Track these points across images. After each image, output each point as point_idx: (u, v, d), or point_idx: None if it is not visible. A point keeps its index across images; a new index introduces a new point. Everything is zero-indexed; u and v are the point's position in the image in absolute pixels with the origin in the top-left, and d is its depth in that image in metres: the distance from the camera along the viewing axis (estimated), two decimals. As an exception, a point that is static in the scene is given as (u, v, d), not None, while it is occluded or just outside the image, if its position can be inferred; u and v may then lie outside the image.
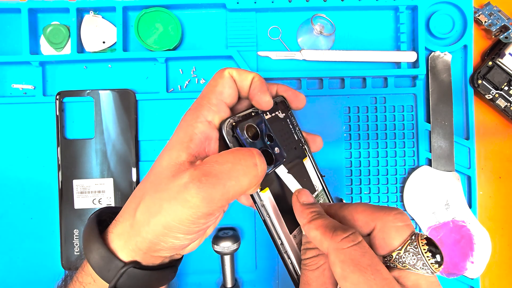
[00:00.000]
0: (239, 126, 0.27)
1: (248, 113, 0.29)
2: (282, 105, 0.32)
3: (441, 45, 0.44)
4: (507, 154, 0.45)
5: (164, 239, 0.25)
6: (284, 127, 0.31)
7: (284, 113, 0.31)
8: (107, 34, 0.43)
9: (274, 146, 0.29)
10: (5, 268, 0.43)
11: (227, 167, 0.24)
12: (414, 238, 0.23)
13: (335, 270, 0.22)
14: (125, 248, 0.26)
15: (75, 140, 0.42)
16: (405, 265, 0.23)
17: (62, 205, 0.42)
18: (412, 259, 0.23)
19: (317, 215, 0.26)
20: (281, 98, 0.32)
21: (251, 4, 0.42)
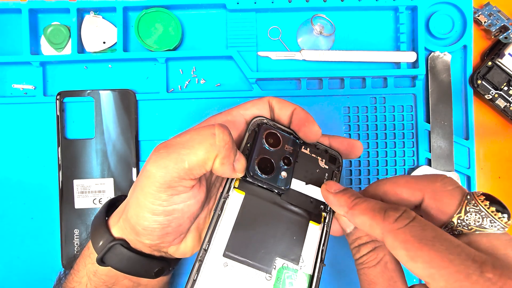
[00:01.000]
0: (265, 127, 0.27)
1: (288, 132, 0.28)
2: (331, 160, 0.29)
3: (441, 45, 0.44)
4: (507, 154, 0.45)
5: (137, 221, 0.25)
6: (315, 173, 0.28)
7: (328, 166, 0.29)
8: (108, 34, 0.43)
9: (285, 170, 0.27)
10: (5, 268, 0.43)
11: (185, 138, 0.24)
12: (470, 198, 0.21)
13: (398, 253, 0.20)
14: (117, 225, 0.28)
15: (76, 140, 0.42)
16: (471, 228, 0.21)
17: (62, 205, 0.42)
18: (477, 219, 0.20)
19: (358, 198, 0.24)
20: (337, 154, 0.29)
21: (251, 4, 0.42)
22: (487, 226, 0.20)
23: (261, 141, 0.27)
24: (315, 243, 0.26)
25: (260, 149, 0.27)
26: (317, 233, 0.27)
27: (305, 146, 0.29)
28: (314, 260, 0.26)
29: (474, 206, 0.21)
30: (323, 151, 0.29)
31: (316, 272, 0.25)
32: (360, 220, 0.22)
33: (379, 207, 0.22)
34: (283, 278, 0.25)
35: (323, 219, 0.27)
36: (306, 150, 0.28)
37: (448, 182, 0.22)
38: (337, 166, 0.29)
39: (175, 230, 0.27)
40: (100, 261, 0.28)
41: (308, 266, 0.26)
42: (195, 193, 0.26)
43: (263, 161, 0.26)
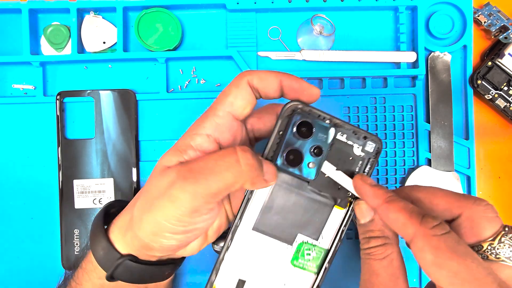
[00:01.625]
0: (297, 115, 0.26)
1: (323, 117, 0.27)
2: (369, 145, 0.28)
3: (441, 45, 0.44)
4: (507, 154, 0.45)
5: (154, 238, 0.25)
6: (349, 162, 0.27)
7: (364, 153, 0.27)
8: (108, 34, 0.43)
9: (314, 161, 0.27)
10: (5, 268, 0.43)
11: (210, 163, 0.24)
12: (508, 230, 0.22)
13: (425, 256, 0.21)
14: (123, 241, 0.27)
15: (76, 140, 0.42)
16: (498, 257, 0.22)
17: (62, 205, 0.42)
18: (508, 251, 0.21)
19: (394, 197, 0.24)
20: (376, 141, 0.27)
21: (251, 4, 0.42)
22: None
23: (291, 131, 0.26)
24: (336, 224, 0.28)
25: (289, 139, 0.26)
26: (341, 216, 0.28)
27: (341, 133, 0.27)
28: (333, 238, 0.28)
29: (509, 239, 0.22)
30: (361, 137, 0.27)
31: (332, 247, 0.28)
32: (393, 216, 0.23)
33: (418, 211, 0.22)
34: (302, 249, 0.28)
35: (348, 204, 0.28)
36: (343, 136, 0.27)
37: (490, 209, 0.23)
38: (375, 153, 0.27)
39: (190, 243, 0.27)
40: (110, 278, 0.28)
41: (326, 242, 0.28)
42: (216, 212, 0.27)
43: (290, 152, 0.26)
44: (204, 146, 0.26)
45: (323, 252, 0.28)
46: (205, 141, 0.26)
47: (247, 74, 0.26)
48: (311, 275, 0.28)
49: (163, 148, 0.43)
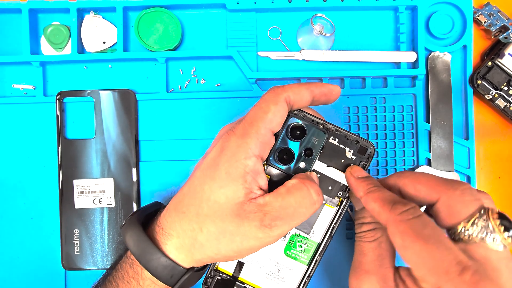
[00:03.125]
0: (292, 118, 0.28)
1: (316, 122, 0.29)
2: (361, 151, 0.29)
3: (441, 45, 0.44)
4: (507, 154, 0.45)
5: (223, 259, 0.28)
6: (340, 163, 0.29)
7: (356, 157, 0.29)
8: (108, 34, 0.43)
9: (304, 161, 0.29)
10: (5, 268, 0.43)
11: (290, 211, 0.26)
12: (483, 212, 0.23)
13: (395, 240, 0.23)
14: (187, 259, 0.28)
15: (76, 140, 0.42)
16: (471, 239, 0.23)
17: (62, 205, 0.42)
18: (481, 233, 0.22)
19: (374, 187, 0.26)
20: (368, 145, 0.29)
21: (251, 4, 0.42)
22: (489, 241, 0.22)
23: (285, 132, 0.28)
24: (327, 221, 0.30)
25: (283, 139, 0.29)
26: (331, 214, 0.30)
27: (333, 137, 0.29)
28: (324, 233, 0.30)
29: (483, 221, 0.22)
30: (353, 141, 0.29)
31: (323, 242, 0.30)
32: (371, 206, 0.25)
33: (390, 199, 0.25)
34: (294, 241, 0.30)
35: (339, 203, 0.30)
36: (335, 140, 0.29)
37: (468, 193, 0.24)
38: (367, 157, 0.29)
39: None
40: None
41: (317, 236, 0.30)
42: None
43: (283, 152, 0.29)
44: (257, 168, 0.27)
45: (315, 245, 0.30)
46: (256, 163, 0.27)
47: (282, 91, 0.27)
48: (302, 266, 0.30)
49: (163, 148, 0.43)
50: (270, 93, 0.28)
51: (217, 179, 0.26)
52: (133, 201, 0.42)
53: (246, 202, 0.26)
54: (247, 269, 0.30)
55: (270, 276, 0.30)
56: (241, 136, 0.27)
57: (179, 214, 0.28)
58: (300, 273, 0.30)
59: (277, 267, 0.30)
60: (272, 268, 0.30)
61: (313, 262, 0.30)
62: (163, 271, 0.28)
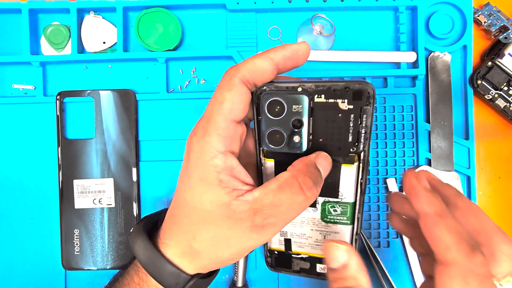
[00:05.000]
0: (265, 96, 0.25)
1: (291, 87, 0.25)
2: (356, 97, 0.24)
3: (441, 45, 0.44)
4: (507, 154, 0.45)
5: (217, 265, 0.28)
6: (339, 120, 0.25)
7: (353, 105, 0.25)
8: (108, 34, 0.43)
9: (297, 134, 0.26)
10: (5, 268, 0.43)
11: (283, 208, 0.24)
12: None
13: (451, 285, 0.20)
14: (190, 266, 0.28)
15: (76, 140, 0.42)
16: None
17: (62, 205, 0.42)
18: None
19: (448, 211, 0.22)
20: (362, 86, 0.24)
21: (251, 4, 0.42)
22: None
23: (265, 113, 0.25)
24: (351, 180, 0.27)
25: (266, 121, 0.26)
26: (353, 172, 0.27)
27: (318, 95, 0.25)
28: (354, 191, 0.28)
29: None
30: (342, 90, 0.24)
31: (357, 200, 0.28)
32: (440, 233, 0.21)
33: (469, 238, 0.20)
34: (326, 207, 0.29)
35: (357, 159, 0.26)
36: (321, 98, 0.25)
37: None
38: (365, 100, 0.24)
39: None
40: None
41: (348, 197, 0.28)
42: None
43: (272, 134, 0.26)
44: (228, 164, 0.25)
45: (349, 205, 0.28)
46: (224, 160, 0.25)
47: (235, 71, 0.24)
48: (347, 227, 0.29)
49: (163, 148, 0.43)
50: (223, 78, 0.24)
51: (194, 188, 0.25)
52: (133, 201, 0.42)
53: (233, 201, 0.24)
54: (295, 244, 0.30)
55: (319, 243, 0.30)
56: (201, 137, 0.25)
57: (174, 225, 0.28)
58: (347, 234, 0.29)
59: (322, 234, 0.30)
60: (318, 236, 0.30)
61: (355, 220, 0.28)
62: (169, 278, 0.27)
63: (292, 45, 0.25)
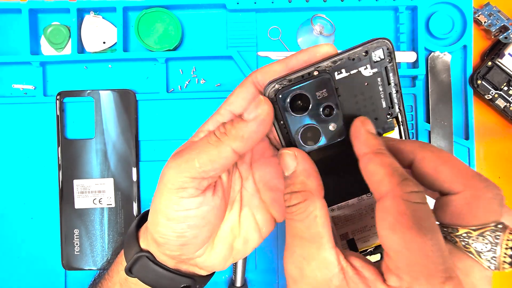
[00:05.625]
0: (283, 93, 0.22)
1: (306, 73, 0.22)
2: (376, 55, 0.23)
3: (441, 45, 0.44)
4: (507, 154, 0.45)
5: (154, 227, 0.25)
6: (367, 89, 0.23)
7: (376, 68, 0.23)
8: (108, 34, 0.43)
9: (331, 121, 0.23)
10: (6, 268, 0.43)
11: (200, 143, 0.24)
12: (500, 228, 0.19)
13: (386, 217, 0.19)
14: (143, 236, 0.28)
15: (76, 140, 0.42)
16: (467, 247, 0.19)
17: (62, 205, 0.42)
18: (484, 247, 0.19)
19: (385, 151, 0.21)
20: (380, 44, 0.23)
21: (251, 4, 0.42)
22: (484, 258, 0.19)
23: (289, 113, 0.23)
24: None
25: (293, 122, 0.23)
26: (396, 135, 0.25)
27: (338, 71, 0.23)
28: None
29: (495, 237, 0.19)
30: (362, 56, 0.23)
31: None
32: (374, 168, 0.20)
33: (401, 172, 0.20)
34: None
35: (395, 122, 0.25)
36: (342, 73, 0.23)
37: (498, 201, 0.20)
38: (388, 57, 0.23)
39: (193, 241, 0.26)
40: (128, 271, 0.28)
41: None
42: (209, 199, 0.25)
43: (305, 132, 0.23)
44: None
45: None
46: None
47: (250, 74, 0.24)
48: None
49: (163, 148, 0.43)
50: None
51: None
52: (133, 201, 0.42)
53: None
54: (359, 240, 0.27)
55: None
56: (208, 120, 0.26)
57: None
58: None
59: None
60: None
61: None
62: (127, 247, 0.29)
63: (311, 47, 0.24)
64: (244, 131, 0.23)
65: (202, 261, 0.28)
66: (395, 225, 0.19)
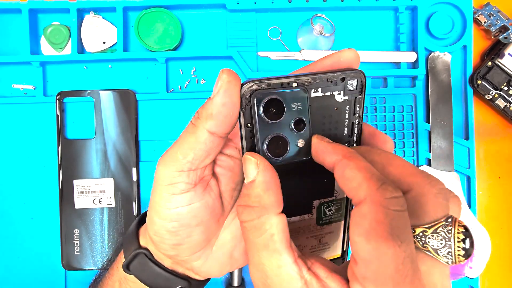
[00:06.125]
0: (258, 96, 0.21)
1: (286, 83, 0.22)
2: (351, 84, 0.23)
3: (441, 46, 0.44)
4: (507, 154, 0.45)
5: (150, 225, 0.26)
6: (335, 113, 0.23)
7: (348, 96, 0.23)
8: (108, 34, 0.43)
9: (300, 137, 0.23)
10: (5, 268, 0.43)
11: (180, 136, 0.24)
12: (450, 222, 0.19)
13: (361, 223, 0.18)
14: (143, 234, 0.28)
15: (76, 140, 0.42)
16: (425, 246, 0.19)
17: (62, 205, 0.42)
18: (439, 243, 0.19)
19: (356, 154, 0.21)
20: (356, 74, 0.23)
21: (251, 4, 0.42)
22: (441, 254, 0.19)
23: (261, 117, 0.22)
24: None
25: (263, 127, 0.22)
26: None
27: (315, 89, 0.22)
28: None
29: (447, 232, 0.19)
30: (339, 81, 0.23)
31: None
32: (351, 174, 0.20)
33: (378, 175, 0.19)
34: (322, 209, 0.26)
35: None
36: (317, 91, 0.23)
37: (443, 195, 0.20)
38: (360, 89, 0.23)
39: (187, 241, 0.26)
40: (126, 267, 0.28)
41: (342, 192, 0.26)
42: (199, 194, 0.25)
43: (273, 141, 0.22)
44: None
45: (343, 201, 0.26)
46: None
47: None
48: (339, 223, 0.27)
49: (163, 148, 0.43)
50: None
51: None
52: (133, 201, 0.42)
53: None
54: None
55: (315, 249, 0.27)
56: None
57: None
58: (340, 229, 0.27)
59: (317, 239, 0.27)
60: (314, 242, 0.27)
61: (347, 214, 0.27)
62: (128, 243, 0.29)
63: (335, 53, 0.23)
64: (211, 108, 0.22)
65: (199, 266, 0.28)
66: (370, 233, 0.18)
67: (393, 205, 0.18)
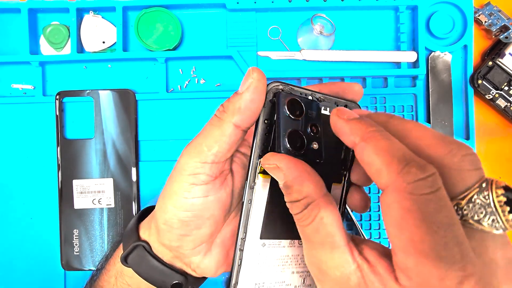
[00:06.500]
0: (284, 94, 0.23)
1: (304, 92, 0.25)
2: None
3: (441, 45, 0.44)
4: (507, 154, 0.45)
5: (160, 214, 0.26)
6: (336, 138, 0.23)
7: None
8: (107, 34, 0.43)
9: (315, 139, 0.24)
10: (5, 268, 0.43)
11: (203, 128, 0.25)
12: (485, 186, 0.17)
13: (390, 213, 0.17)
14: (145, 226, 0.29)
15: (75, 140, 0.42)
16: (465, 219, 0.17)
17: (62, 205, 0.42)
18: (479, 213, 0.17)
19: (377, 132, 0.19)
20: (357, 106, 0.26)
21: (251, 4, 0.42)
22: (486, 224, 0.17)
23: (284, 112, 0.23)
24: (337, 199, 0.26)
25: (286, 121, 0.23)
26: (339, 191, 0.26)
27: (324, 107, 0.25)
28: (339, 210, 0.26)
29: (484, 199, 0.17)
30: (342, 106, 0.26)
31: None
32: (370, 158, 0.18)
33: (402, 154, 0.17)
34: None
35: (343, 178, 0.26)
36: (326, 110, 0.25)
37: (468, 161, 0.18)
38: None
39: (195, 233, 0.26)
40: (124, 259, 0.28)
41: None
42: (216, 188, 0.26)
43: (293, 135, 0.23)
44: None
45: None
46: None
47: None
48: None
49: (163, 148, 0.43)
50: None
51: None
52: (133, 201, 0.42)
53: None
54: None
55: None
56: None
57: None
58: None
59: (302, 277, 0.26)
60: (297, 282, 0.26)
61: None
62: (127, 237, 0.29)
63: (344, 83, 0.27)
64: (239, 102, 0.23)
65: (197, 262, 0.28)
66: (401, 223, 0.17)
67: (419, 189, 0.16)
